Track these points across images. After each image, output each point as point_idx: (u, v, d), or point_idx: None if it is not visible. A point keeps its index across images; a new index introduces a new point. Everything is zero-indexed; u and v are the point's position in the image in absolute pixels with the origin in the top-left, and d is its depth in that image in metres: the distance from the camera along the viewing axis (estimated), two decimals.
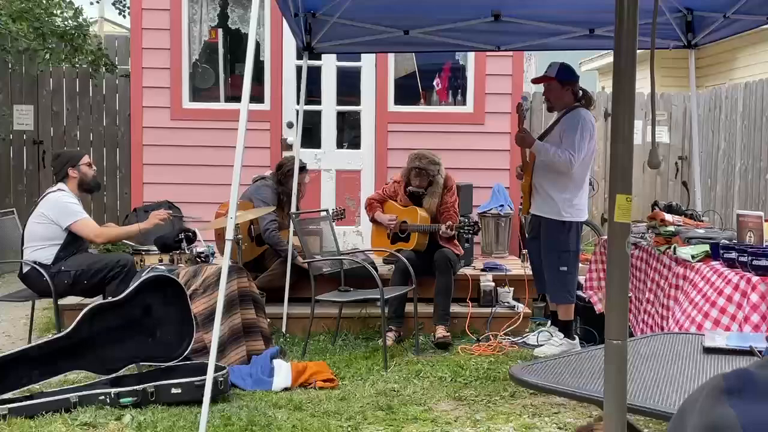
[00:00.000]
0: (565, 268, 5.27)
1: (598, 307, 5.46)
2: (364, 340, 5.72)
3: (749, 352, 2.69)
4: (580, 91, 5.38)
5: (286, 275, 5.87)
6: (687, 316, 3.85)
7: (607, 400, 1.98)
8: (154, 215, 5.37)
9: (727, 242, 4.06)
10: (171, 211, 5.69)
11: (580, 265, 6.53)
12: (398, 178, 6.16)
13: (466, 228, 5.74)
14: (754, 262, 3.61)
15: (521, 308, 6.06)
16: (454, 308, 5.85)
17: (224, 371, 4.31)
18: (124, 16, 11.95)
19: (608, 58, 15.69)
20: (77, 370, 4.48)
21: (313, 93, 7.28)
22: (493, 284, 6.14)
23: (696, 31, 5.69)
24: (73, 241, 5.24)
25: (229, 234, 3.75)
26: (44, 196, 5.38)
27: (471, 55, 7.44)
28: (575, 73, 5.42)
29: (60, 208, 5.23)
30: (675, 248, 4.39)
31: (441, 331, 5.59)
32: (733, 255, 3.80)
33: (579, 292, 5.82)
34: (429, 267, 5.75)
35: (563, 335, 5.39)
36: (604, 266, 5.33)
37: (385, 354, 5.10)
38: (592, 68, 17.87)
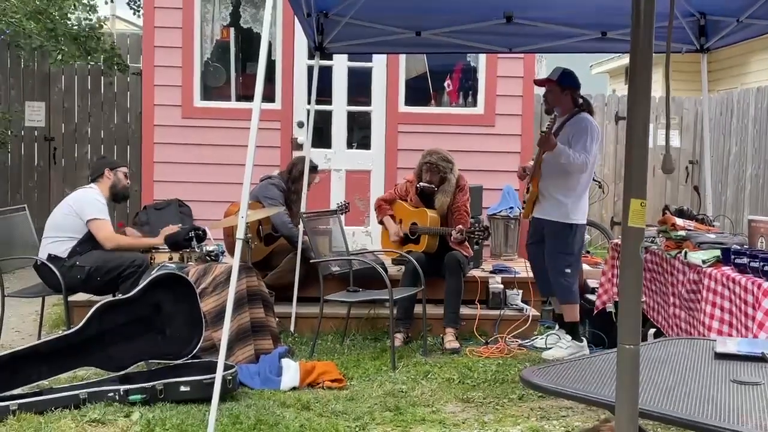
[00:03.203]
0: (569, 270, 5.35)
1: (598, 303, 5.49)
2: (372, 340, 5.72)
3: (761, 359, 2.68)
4: (580, 99, 5.46)
5: (296, 271, 5.87)
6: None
7: (619, 404, 1.98)
8: (165, 231, 5.45)
9: (739, 248, 4.04)
10: (181, 225, 5.78)
11: (588, 267, 6.54)
12: (410, 177, 6.15)
13: (476, 233, 5.73)
14: (766, 268, 3.60)
15: (529, 311, 6.05)
16: (463, 310, 5.83)
17: (233, 370, 4.32)
18: (139, 16, 11.98)
19: (619, 62, 15.66)
20: (86, 366, 4.50)
21: (323, 93, 7.27)
22: (501, 286, 6.14)
23: (709, 35, 5.67)
24: (91, 238, 5.30)
25: (240, 233, 3.76)
26: (76, 190, 5.59)
27: (482, 57, 7.43)
28: (577, 80, 5.48)
29: (86, 202, 5.35)
30: (686, 253, 4.38)
31: (450, 338, 5.58)
32: (745, 260, 3.79)
33: (588, 296, 5.82)
34: (438, 268, 5.74)
35: (571, 338, 5.40)
36: (616, 270, 5.32)
37: (393, 355, 5.11)
38: (603, 71, 17.84)
